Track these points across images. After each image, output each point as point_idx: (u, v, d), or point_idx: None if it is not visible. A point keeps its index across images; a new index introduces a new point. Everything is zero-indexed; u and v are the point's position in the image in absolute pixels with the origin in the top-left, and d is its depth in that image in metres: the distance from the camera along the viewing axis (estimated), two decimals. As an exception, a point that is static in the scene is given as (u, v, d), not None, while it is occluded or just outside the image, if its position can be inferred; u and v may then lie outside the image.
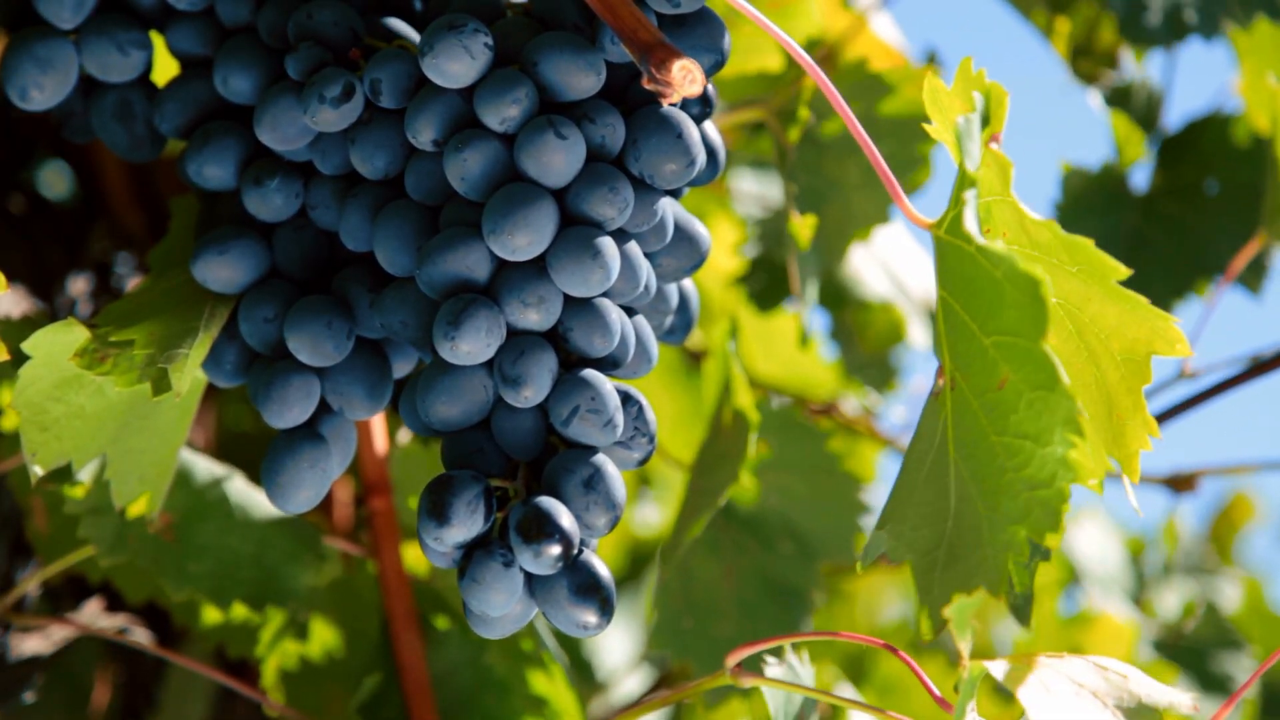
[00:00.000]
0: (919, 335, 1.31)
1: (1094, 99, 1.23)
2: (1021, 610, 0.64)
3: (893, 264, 1.30)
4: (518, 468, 0.68)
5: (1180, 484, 1.25)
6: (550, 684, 0.94)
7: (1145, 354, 0.66)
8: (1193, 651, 1.41)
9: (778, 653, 0.74)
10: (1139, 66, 1.26)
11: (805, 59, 0.67)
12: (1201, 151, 1.23)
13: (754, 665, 0.74)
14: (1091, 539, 1.57)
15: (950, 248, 0.63)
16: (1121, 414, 0.67)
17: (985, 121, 0.63)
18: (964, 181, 0.62)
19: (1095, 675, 0.64)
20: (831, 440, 1.01)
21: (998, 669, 0.64)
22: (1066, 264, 0.64)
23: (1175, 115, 1.28)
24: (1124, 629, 1.55)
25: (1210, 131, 1.23)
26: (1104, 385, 0.67)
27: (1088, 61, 1.21)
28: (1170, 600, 1.55)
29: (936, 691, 0.66)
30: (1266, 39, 1.17)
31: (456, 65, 0.67)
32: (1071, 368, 0.67)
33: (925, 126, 0.65)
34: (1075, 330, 0.67)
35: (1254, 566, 2.17)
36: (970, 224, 0.61)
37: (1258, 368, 1.09)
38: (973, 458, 0.62)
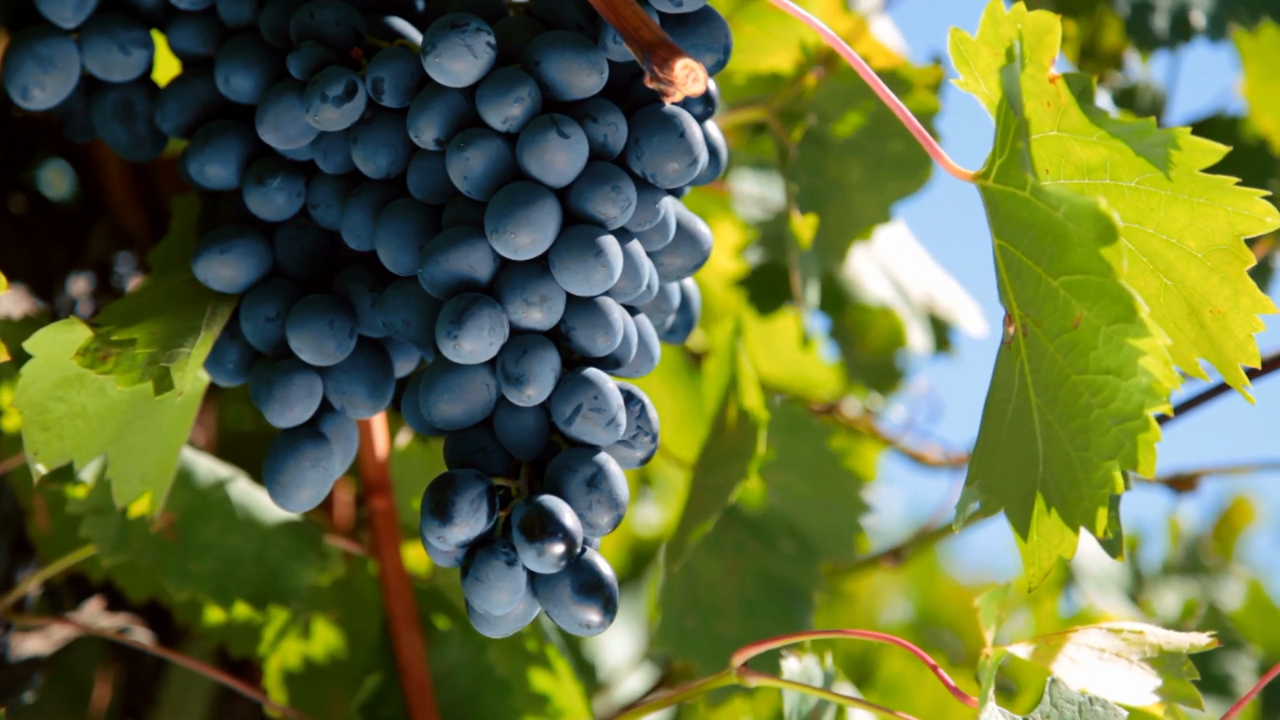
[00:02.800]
0: (919, 340, 1.31)
1: (1103, 99, 1.23)
2: (1114, 546, 0.64)
3: (893, 266, 1.30)
4: (520, 466, 0.68)
5: (1181, 484, 1.25)
6: (553, 681, 0.93)
7: (1234, 238, 0.65)
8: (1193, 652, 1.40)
9: (789, 652, 0.74)
10: (1144, 68, 1.26)
11: (831, 34, 0.66)
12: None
13: (758, 665, 0.74)
14: (1087, 536, 1.57)
15: (1001, 195, 0.63)
16: (1219, 306, 0.66)
17: (1023, 60, 0.62)
18: (1010, 126, 0.62)
19: (1113, 639, 0.65)
20: (833, 437, 1.01)
21: (1022, 650, 0.65)
22: (1125, 178, 0.64)
23: (1177, 116, 1.28)
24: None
25: (1213, 133, 1.23)
26: (1182, 289, 0.66)
27: (1093, 63, 1.21)
28: (1169, 600, 1.55)
29: (951, 683, 0.66)
30: (1271, 42, 1.17)
31: (459, 64, 0.67)
32: (1134, 287, 0.67)
33: (953, 81, 0.65)
34: (1136, 247, 0.66)
35: (1256, 567, 2.17)
36: (1025, 166, 0.60)
37: (1261, 365, 1.09)
38: (1056, 400, 0.63)
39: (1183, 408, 1.12)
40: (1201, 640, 0.64)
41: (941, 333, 1.34)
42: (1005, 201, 0.63)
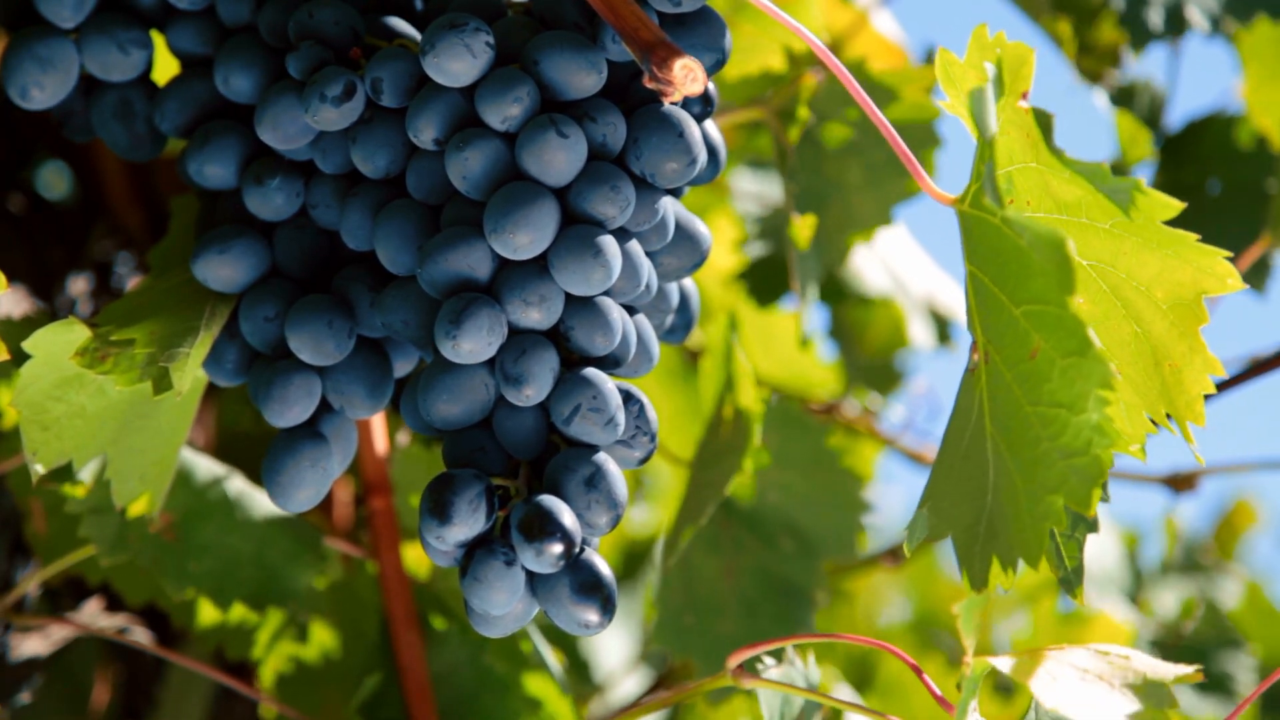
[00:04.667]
0: (920, 333, 1.31)
1: (1099, 98, 1.23)
2: (1071, 583, 0.64)
3: (893, 262, 1.30)
4: (519, 466, 0.68)
5: (1180, 483, 1.25)
6: (546, 685, 0.93)
7: (1195, 295, 0.65)
8: (1192, 650, 1.41)
9: (778, 655, 0.74)
10: (1144, 65, 1.26)
11: (819, 45, 0.66)
12: (1203, 152, 1.23)
13: (755, 665, 0.74)
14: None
15: (975, 221, 0.63)
16: (1176, 361, 0.66)
17: (1002, 88, 0.62)
18: (982, 153, 0.62)
19: (1098, 660, 0.64)
20: (831, 436, 1.01)
21: (1003, 663, 0.64)
22: (1099, 220, 0.64)
23: (1177, 116, 1.28)
24: (1121, 628, 1.55)
25: (1212, 132, 1.23)
26: (1149, 339, 0.66)
27: (1090, 59, 1.21)
28: (1168, 599, 1.55)
29: (938, 690, 0.66)
30: (1271, 43, 1.17)
31: (458, 64, 0.67)
32: (1105, 329, 0.66)
33: (940, 102, 0.65)
34: (1109, 289, 0.66)
35: (1257, 570, 2.17)
36: (990, 195, 0.60)
37: (1257, 368, 1.09)
38: (1009, 430, 0.62)
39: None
40: (1187, 672, 0.63)
41: (943, 326, 1.34)
42: (978, 227, 0.62)
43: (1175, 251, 0.64)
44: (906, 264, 1.31)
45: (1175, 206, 0.62)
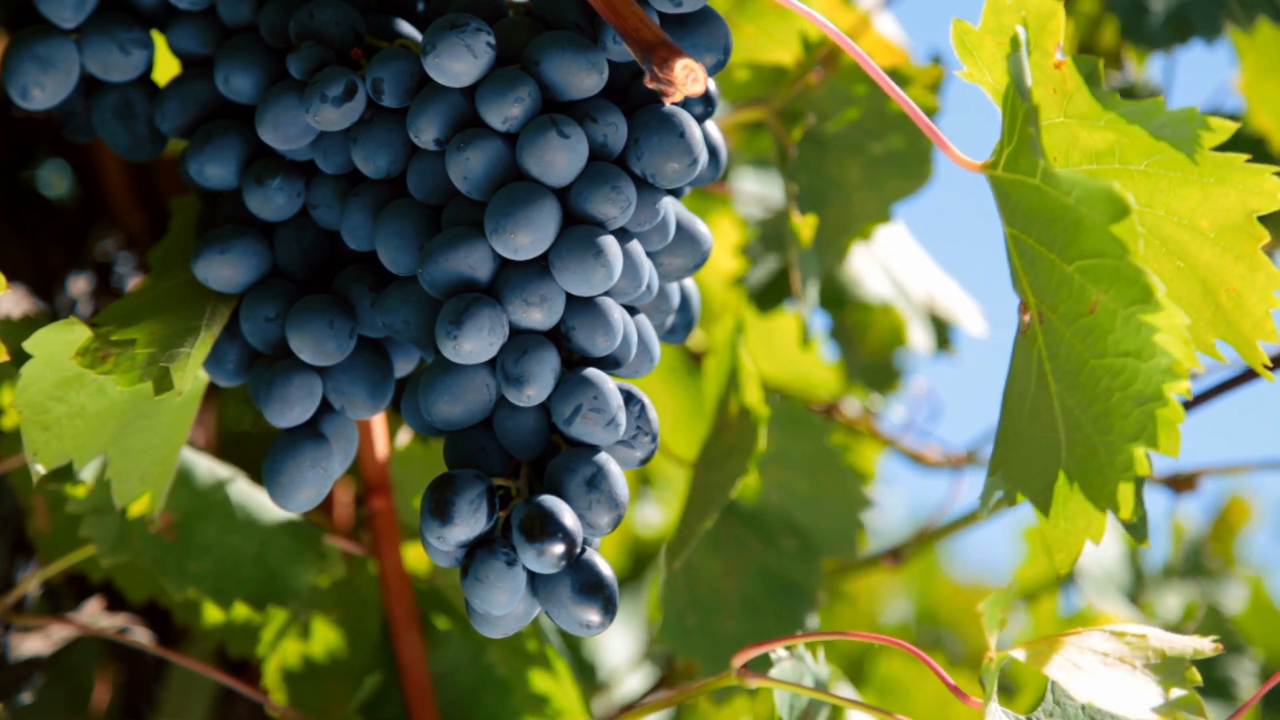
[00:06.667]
0: (920, 338, 1.31)
1: None
2: (1139, 529, 0.64)
3: (893, 266, 1.30)
4: (520, 467, 0.68)
5: (1180, 483, 1.25)
6: (552, 681, 0.93)
7: (1245, 216, 0.65)
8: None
9: (787, 651, 0.74)
10: (1140, 69, 1.26)
11: (834, 30, 0.67)
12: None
13: (759, 665, 0.74)
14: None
15: (1011, 184, 0.63)
16: (1234, 285, 0.66)
17: (1030, 47, 0.62)
18: (1018, 114, 0.62)
19: (1115, 642, 0.65)
20: (833, 434, 1.01)
21: (1024, 654, 0.64)
22: (1133, 162, 0.64)
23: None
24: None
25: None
26: (1195, 270, 0.66)
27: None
28: (1171, 602, 1.55)
29: (951, 682, 0.66)
30: (1268, 38, 1.17)
31: (459, 64, 0.67)
32: (1151, 270, 0.67)
33: (958, 72, 0.65)
34: (1147, 229, 0.66)
35: (1255, 563, 2.17)
36: (1036, 153, 0.61)
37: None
38: (1075, 385, 0.63)
39: (1200, 399, 1.11)
40: (1206, 645, 0.64)
41: (942, 331, 1.34)
42: (1015, 190, 0.63)
43: (1219, 177, 0.64)
44: (906, 266, 1.31)
45: (1228, 128, 0.62)
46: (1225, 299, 0.67)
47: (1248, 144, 1.22)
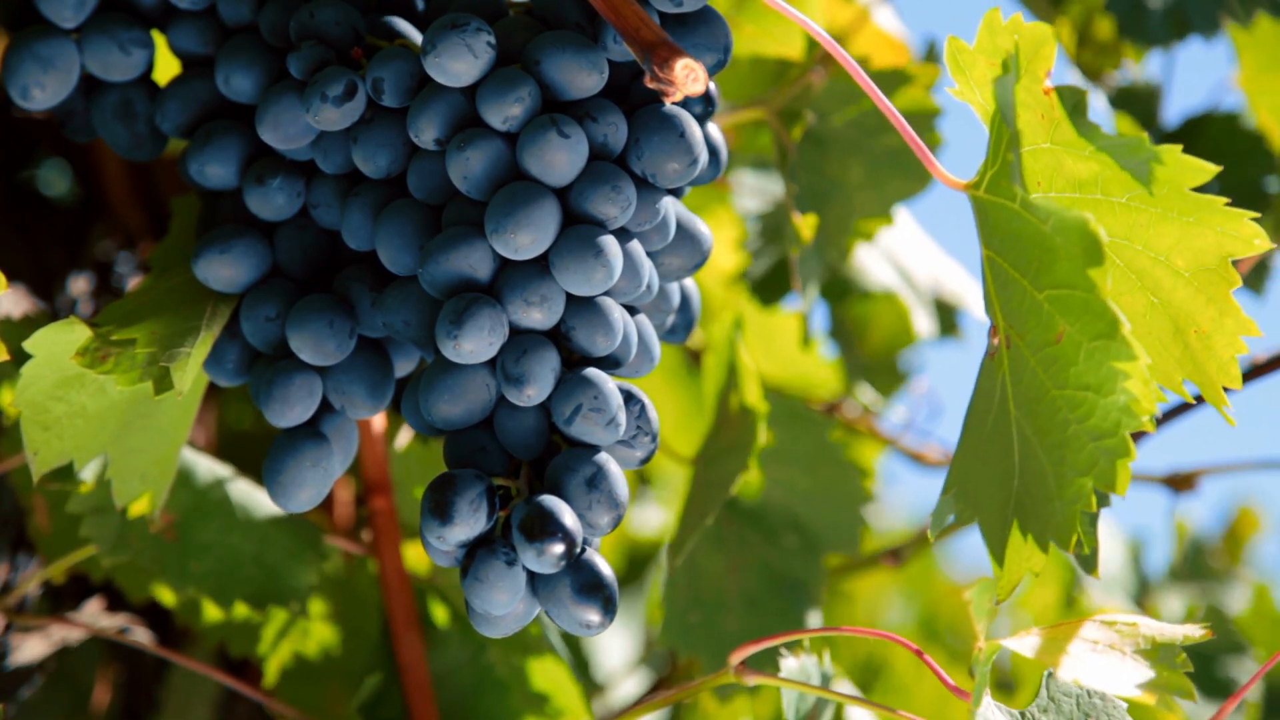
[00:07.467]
0: (925, 324, 1.30)
1: (1099, 100, 1.23)
2: (1089, 562, 0.64)
3: (898, 253, 1.29)
4: (520, 466, 0.68)
5: (1180, 483, 1.25)
6: (552, 680, 0.93)
7: (1220, 259, 0.65)
8: (1196, 655, 1.40)
9: (792, 649, 0.74)
10: (1139, 67, 1.26)
11: (826, 38, 0.67)
12: (1201, 150, 1.23)
13: (758, 662, 0.74)
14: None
15: (991, 206, 0.63)
16: (1203, 326, 0.66)
17: (1019, 70, 0.62)
18: (1002, 138, 0.62)
19: (1106, 631, 0.65)
20: (833, 430, 1.01)
21: (1016, 644, 0.64)
22: (1115, 194, 0.64)
23: (1174, 111, 1.28)
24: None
25: (1209, 129, 1.23)
26: (1167, 308, 0.66)
27: (1088, 52, 1.21)
28: (1174, 605, 1.55)
29: (948, 679, 0.66)
30: (1267, 33, 1.17)
31: (459, 64, 0.67)
32: (1119, 304, 0.67)
33: (948, 89, 0.65)
34: (1124, 263, 0.66)
35: (1263, 572, 2.17)
36: (1015, 180, 0.60)
37: (1257, 369, 1.09)
38: (1034, 413, 0.62)
39: (1182, 408, 1.12)
40: (1195, 632, 0.64)
41: (948, 316, 1.33)
42: (995, 212, 0.63)
43: (1198, 217, 0.64)
44: (911, 252, 1.30)
45: (1208, 170, 0.62)
46: (1194, 339, 0.66)
47: (1246, 140, 1.22)
